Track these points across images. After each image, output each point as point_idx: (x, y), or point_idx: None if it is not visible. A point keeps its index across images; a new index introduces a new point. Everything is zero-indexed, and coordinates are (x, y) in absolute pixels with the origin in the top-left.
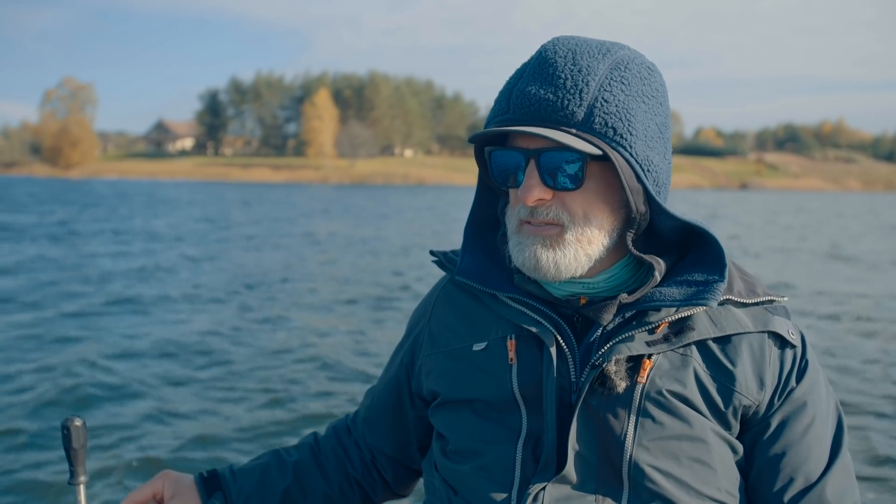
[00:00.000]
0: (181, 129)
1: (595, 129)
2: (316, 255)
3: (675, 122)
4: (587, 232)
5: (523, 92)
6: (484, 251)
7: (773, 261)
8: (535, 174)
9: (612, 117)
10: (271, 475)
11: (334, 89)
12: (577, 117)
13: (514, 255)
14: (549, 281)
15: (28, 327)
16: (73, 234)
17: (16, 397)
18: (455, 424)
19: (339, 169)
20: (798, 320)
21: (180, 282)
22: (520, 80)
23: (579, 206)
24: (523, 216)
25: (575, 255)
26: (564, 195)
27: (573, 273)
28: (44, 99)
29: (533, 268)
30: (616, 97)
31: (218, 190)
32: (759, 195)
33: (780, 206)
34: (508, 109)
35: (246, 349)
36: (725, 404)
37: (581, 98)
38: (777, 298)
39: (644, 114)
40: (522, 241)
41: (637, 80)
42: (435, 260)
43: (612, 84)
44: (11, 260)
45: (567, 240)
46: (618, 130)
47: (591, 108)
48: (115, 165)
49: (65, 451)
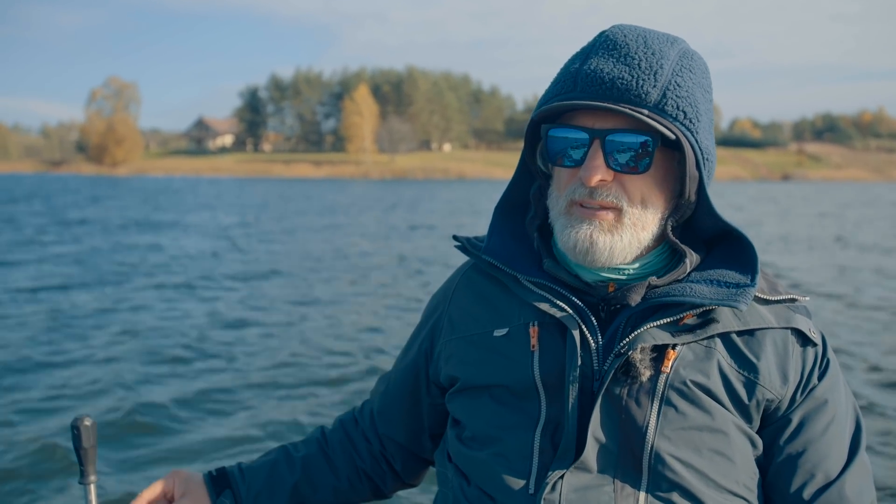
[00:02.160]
0: (221, 126)
1: (668, 111)
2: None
3: (714, 113)
4: (643, 217)
5: (594, 70)
6: (511, 234)
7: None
8: (599, 154)
9: (683, 101)
10: (280, 471)
11: (373, 85)
12: (652, 98)
13: (562, 236)
14: (596, 266)
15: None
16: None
17: (26, 395)
18: (473, 410)
19: (380, 164)
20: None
21: (210, 273)
22: (587, 60)
23: (638, 190)
24: (577, 197)
25: (630, 241)
26: (626, 178)
27: (623, 259)
28: (90, 98)
29: (585, 251)
30: (686, 83)
31: (267, 186)
32: (807, 186)
33: (848, 198)
34: (575, 87)
35: (258, 345)
36: (749, 397)
37: (656, 79)
38: (799, 298)
39: (705, 104)
40: (574, 224)
41: (700, 71)
42: (458, 245)
43: (683, 70)
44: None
45: (625, 224)
46: (688, 115)
47: (664, 90)
48: (159, 163)
49: (74, 451)
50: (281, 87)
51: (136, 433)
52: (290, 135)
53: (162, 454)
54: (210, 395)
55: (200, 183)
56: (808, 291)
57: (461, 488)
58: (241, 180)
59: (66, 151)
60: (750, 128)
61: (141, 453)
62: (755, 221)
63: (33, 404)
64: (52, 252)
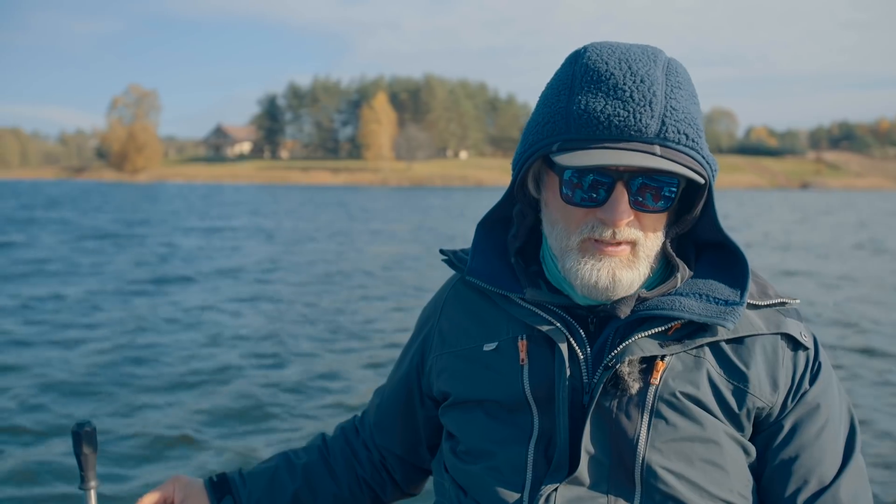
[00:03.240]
0: (239, 134)
1: (669, 138)
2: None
3: (729, 122)
4: (654, 246)
5: (585, 109)
6: (494, 250)
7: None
8: (624, 197)
9: (682, 124)
10: (281, 478)
11: (390, 92)
12: (652, 130)
13: (578, 273)
14: (611, 299)
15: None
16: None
17: (27, 401)
18: (466, 425)
19: (398, 171)
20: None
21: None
22: (573, 97)
23: (652, 222)
24: (597, 236)
25: (644, 271)
26: (644, 215)
27: (637, 287)
28: (111, 105)
29: (607, 287)
30: (680, 103)
31: (291, 193)
32: (830, 195)
33: (888, 206)
34: (569, 128)
35: (263, 353)
36: (739, 406)
37: (652, 109)
38: (789, 301)
39: (698, 115)
40: (594, 262)
41: (686, 82)
42: (445, 259)
43: (674, 90)
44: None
45: (640, 257)
46: (689, 136)
47: (662, 119)
48: (179, 169)
49: (75, 457)
50: (299, 95)
51: (137, 439)
52: (307, 142)
53: (163, 460)
54: (213, 401)
55: (225, 190)
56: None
57: (458, 500)
58: (260, 187)
59: (83, 158)
60: (766, 136)
61: (141, 459)
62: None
63: (35, 409)
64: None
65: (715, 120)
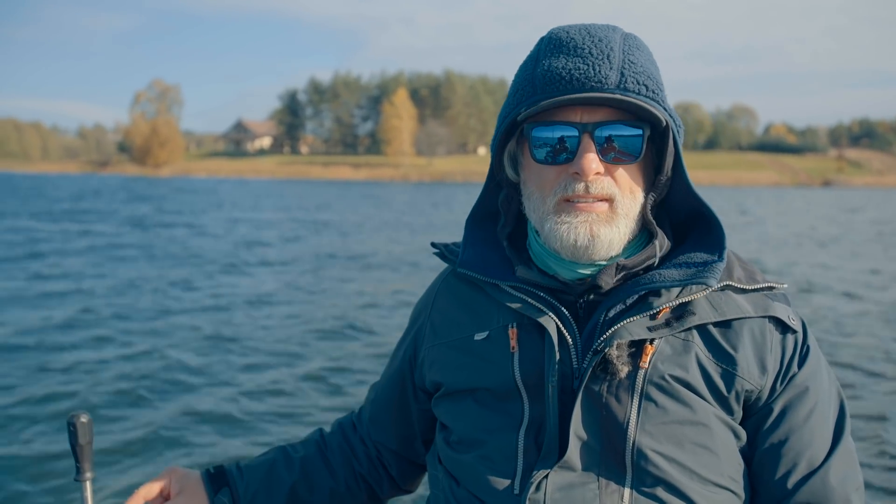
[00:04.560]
0: (260, 129)
1: (630, 89)
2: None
3: (750, 119)
4: (632, 206)
5: (548, 69)
6: (484, 242)
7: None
8: (592, 147)
9: (641, 76)
10: (278, 471)
11: (410, 88)
12: (612, 80)
13: (556, 234)
14: (594, 259)
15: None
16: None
17: (22, 392)
18: (458, 414)
19: (418, 167)
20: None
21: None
22: (538, 63)
23: (627, 179)
24: (570, 193)
25: (624, 231)
26: (615, 168)
27: (619, 249)
28: (134, 100)
29: (587, 245)
30: (639, 59)
31: (317, 187)
32: (855, 193)
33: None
34: (535, 90)
35: (260, 343)
36: (728, 389)
37: (610, 62)
38: (777, 285)
39: (658, 75)
40: (570, 220)
41: (646, 48)
42: (436, 252)
43: (632, 49)
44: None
45: (619, 214)
46: (649, 87)
47: (621, 70)
48: (202, 164)
49: (71, 448)
50: (320, 91)
51: (133, 429)
52: (327, 137)
53: (160, 451)
54: (210, 392)
55: (253, 184)
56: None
57: (451, 490)
58: (282, 182)
59: (102, 153)
60: (785, 133)
61: (138, 450)
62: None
63: (31, 399)
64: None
65: (735, 117)
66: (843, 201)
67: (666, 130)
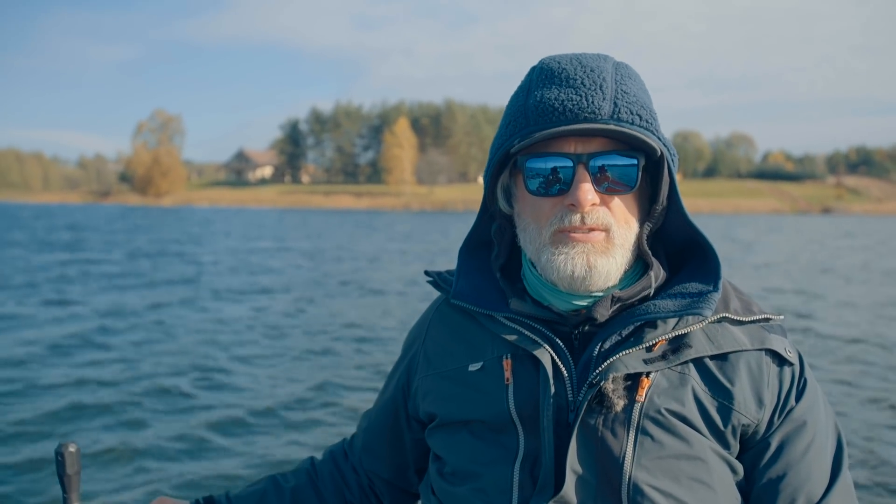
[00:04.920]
0: (261, 158)
1: (623, 119)
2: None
3: (748, 146)
4: (628, 236)
5: (541, 101)
6: (478, 271)
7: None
8: (586, 178)
9: (634, 105)
10: (269, 501)
11: (411, 118)
12: (605, 111)
13: (552, 265)
14: (591, 291)
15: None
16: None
17: (10, 418)
18: (452, 446)
19: (420, 196)
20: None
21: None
22: (529, 95)
23: (622, 208)
24: (566, 224)
25: (621, 261)
26: (610, 199)
27: (616, 280)
28: (136, 130)
29: (584, 276)
30: (631, 88)
31: (323, 216)
32: (855, 220)
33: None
34: (528, 122)
35: (253, 368)
36: (724, 423)
37: (603, 92)
38: (773, 317)
39: (651, 105)
40: (567, 251)
41: (638, 77)
42: (430, 280)
43: (624, 78)
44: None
45: (615, 244)
46: (643, 117)
47: (614, 101)
48: (203, 193)
49: (58, 478)
50: (321, 120)
51: (121, 459)
52: (328, 167)
53: (148, 481)
54: (199, 420)
55: (256, 214)
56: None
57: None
58: (284, 211)
59: (103, 182)
60: (783, 160)
61: (126, 480)
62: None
63: (18, 428)
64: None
65: (734, 145)
66: (862, 228)
67: (660, 160)
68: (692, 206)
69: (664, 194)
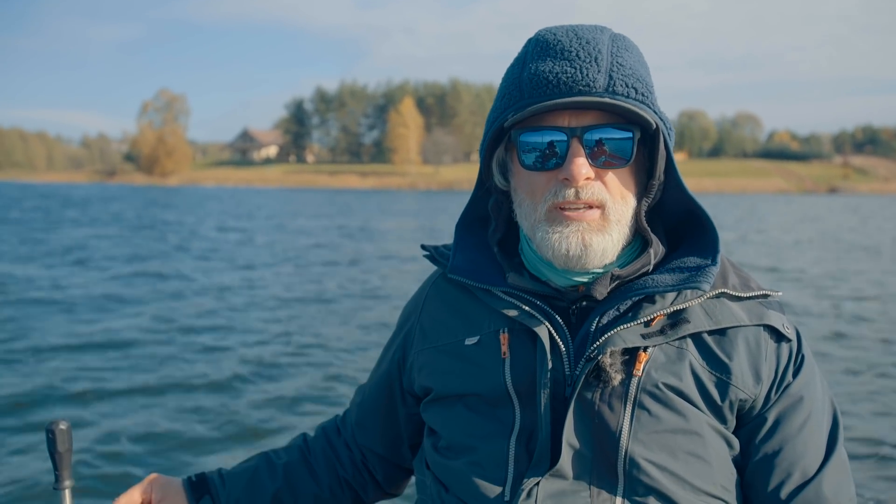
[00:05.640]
0: (266, 138)
1: (618, 92)
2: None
3: (754, 126)
4: (624, 212)
5: (535, 73)
6: (475, 246)
7: None
8: (581, 152)
9: (630, 78)
10: (261, 478)
11: (416, 97)
12: (600, 83)
13: (547, 243)
14: (587, 269)
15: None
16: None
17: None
18: (448, 420)
19: (425, 175)
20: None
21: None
22: (524, 67)
23: (618, 184)
24: (561, 199)
25: (618, 238)
26: (606, 174)
27: (612, 257)
28: (141, 110)
29: (579, 255)
30: (627, 61)
31: (331, 196)
32: (864, 199)
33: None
34: (522, 95)
35: (244, 346)
36: (721, 398)
37: (598, 64)
38: (771, 293)
39: (648, 77)
40: (561, 229)
41: (635, 49)
42: (426, 254)
43: (620, 50)
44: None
45: (611, 221)
46: (639, 90)
47: (609, 73)
48: (209, 173)
49: (49, 456)
50: (326, 100)
51: (113, 436)
52: (333, 146)
53: (139, 458)
54: (192, 398)
55: (264, 193)
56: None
57: (439, 496)
58: (290, 190)
59: (106, 162)
60: (788, 140)
61: (118, 457)
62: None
63: (8, 405)
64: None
65: (740, 124)
66: (865, 208)
67: (656, 133)
68: (697, 185)
69: (661, 168)
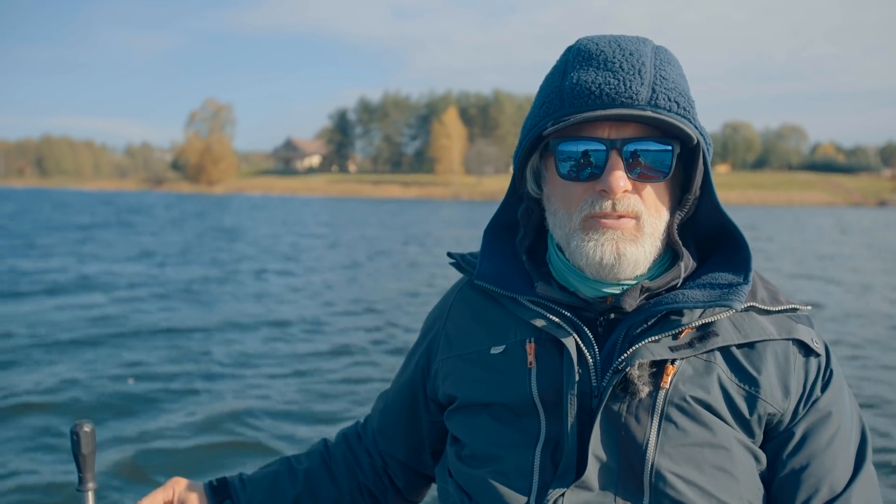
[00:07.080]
0: (309, 147)
1: (661, 105)
2: None
3: (799, 138)
4: (658, 224)
5: (577, 83)
6: (502, 254)
7: None
8: (619, 164)
9: (672, 92)
10: (281, 483)
11: (459, 108)
12: (643, 97)
13: (582, 251)
14: (620, 279)
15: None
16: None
17: (25, 399)
18: (472, 429)
19: (468, 186)
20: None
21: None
22: (566, 76)
23: (653, 197)
24: (597, 210)
25: (650, 249)
26: (642, 186)
27: (644, 269)
28: (188, 119)
29: (613, 263)
30: (670, 74)
31: (368, 206)
32: None
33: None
34: (563, 104)
35: (270, 354)
36: (750, 412)
37: (642, 77)
38: (800, 307)
39: (689, 91)
40: (598, 237)
41: (676, 63)
42: (453, 262)
43: (663, 64)
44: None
45: (645, 232)
46: (681, 104)
47: (652, 86)
48: (254, 182)
49: (73, 457)
50: (370, 110)
51: (137, 439)
52: (375, 156)
53: (162, 462)
54: (214, 403)
55: (310, 202)
56: None
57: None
58: (333, 200)
59: (150, 170)
60: (833, 152)
61: (141, 461)
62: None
63: (33, 407)
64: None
65: (785, 136)
66: None
67: (696, 148)
68: (741, 198)
69: (697, 183)
